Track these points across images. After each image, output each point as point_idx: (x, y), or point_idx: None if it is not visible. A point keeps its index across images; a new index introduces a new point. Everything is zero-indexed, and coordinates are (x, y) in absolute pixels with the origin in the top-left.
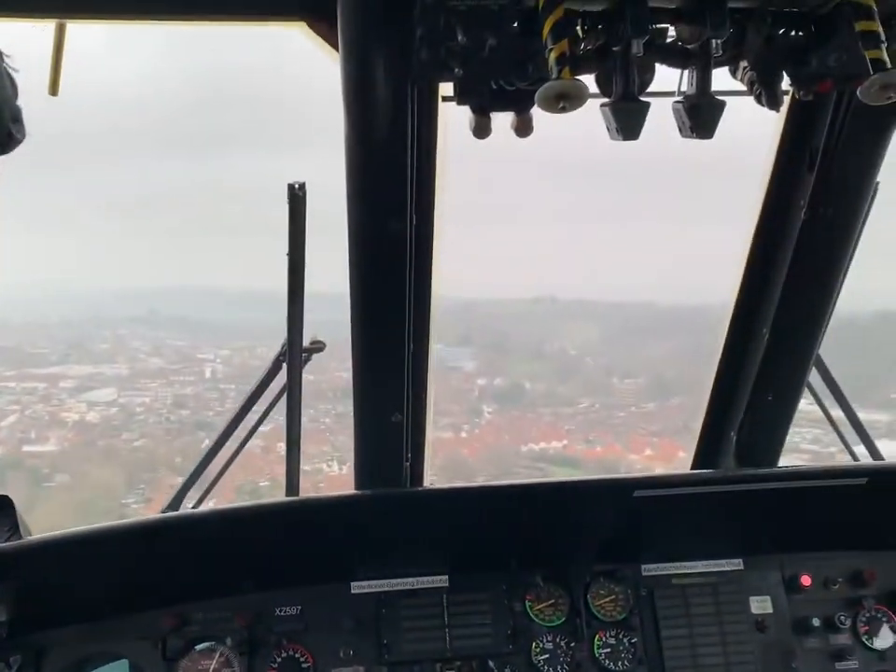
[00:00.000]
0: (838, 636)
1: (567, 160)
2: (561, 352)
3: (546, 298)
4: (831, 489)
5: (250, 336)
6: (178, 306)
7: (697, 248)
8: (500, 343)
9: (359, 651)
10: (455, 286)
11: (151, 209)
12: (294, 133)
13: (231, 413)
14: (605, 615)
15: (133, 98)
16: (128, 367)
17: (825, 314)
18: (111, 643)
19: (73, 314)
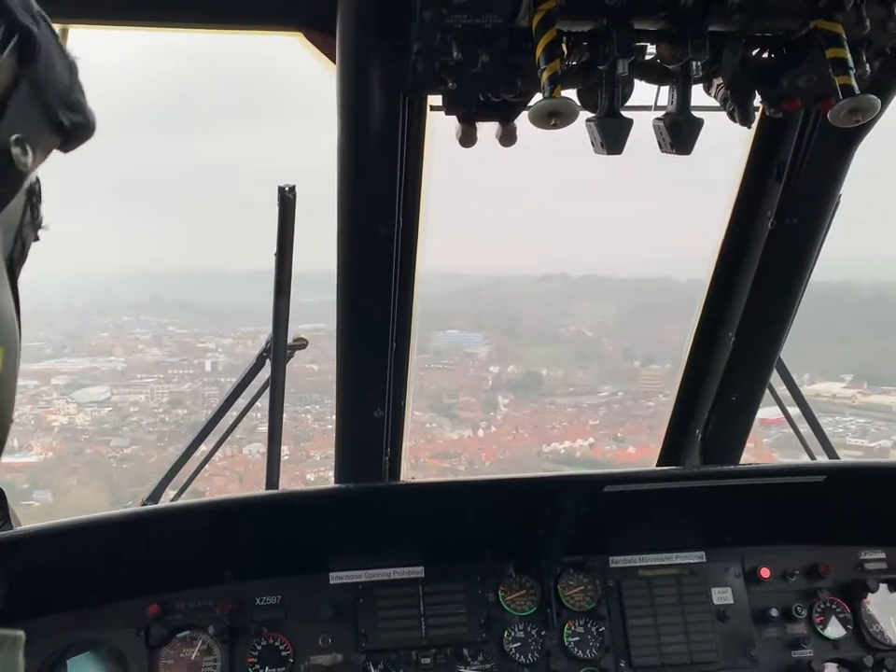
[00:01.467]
0: (795, 625)
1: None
2: (577, 334)
3: (556, 275)
4: (790, 486)
5: (254, 320)
6: (182, 290)
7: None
8: (513, 328)
9: (338, 639)
10: (460, 264)
11: (155, 192)
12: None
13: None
14: (574, 605)
15: (131, 85)
16: (125, 359)
17: (788, 318)
18: (95, 631)
19: (76, 300)
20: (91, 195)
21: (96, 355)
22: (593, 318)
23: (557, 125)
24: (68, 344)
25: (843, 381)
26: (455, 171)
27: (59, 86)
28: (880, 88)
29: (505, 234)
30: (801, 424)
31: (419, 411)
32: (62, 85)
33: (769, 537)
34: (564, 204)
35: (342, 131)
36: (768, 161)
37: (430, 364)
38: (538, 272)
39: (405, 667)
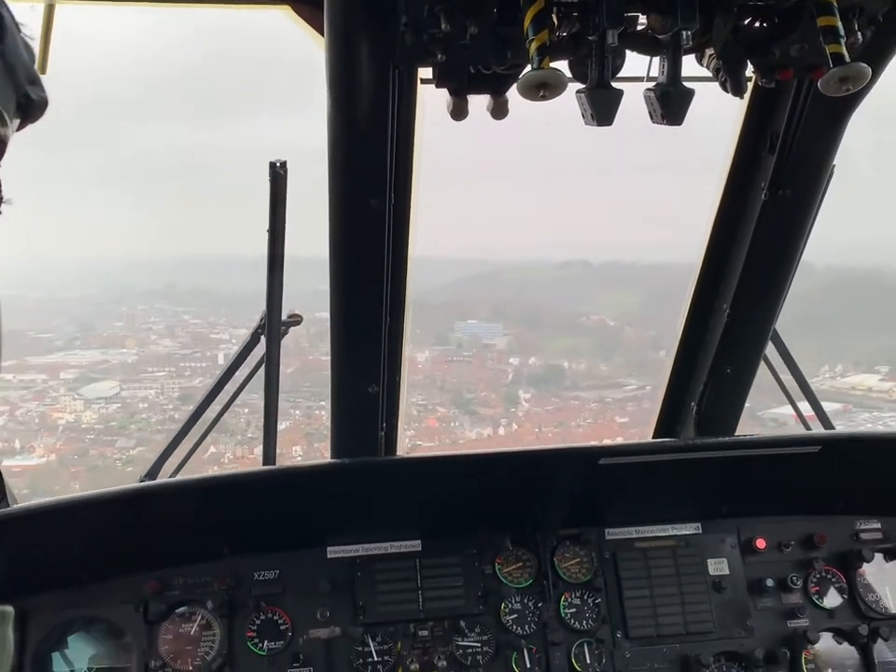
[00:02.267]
0: (790, 595)
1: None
2: (599, 324)
3: (577, 261)
4: (785, 457)
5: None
6: (198, 276)
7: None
8: (533, 318)
9: (336, 612)
10: (477, 250)
11: (168, 177)
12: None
13: (209, 383)
14: (570, 577)
15: (123, 70)
16: (137, 351)
17: (783, 290)
18: (93, 608)
19: (92, 288)
20: (106, 181)
21: (107, 346)
22: (615, 307)
23: (546, 96)
24: (80, 336)
25: (878, 373)
26: (473, 154)
27: (24, 62)
28: (871, 56)
29: (523, 218)
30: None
31: (443, 407)
32: (26, 62)
33: (765, 508)
34: (584, 187)
35: (331, 104)
36: (761, 132)
37: (452, 357)
38: (557, 257)
39: (403, 640)
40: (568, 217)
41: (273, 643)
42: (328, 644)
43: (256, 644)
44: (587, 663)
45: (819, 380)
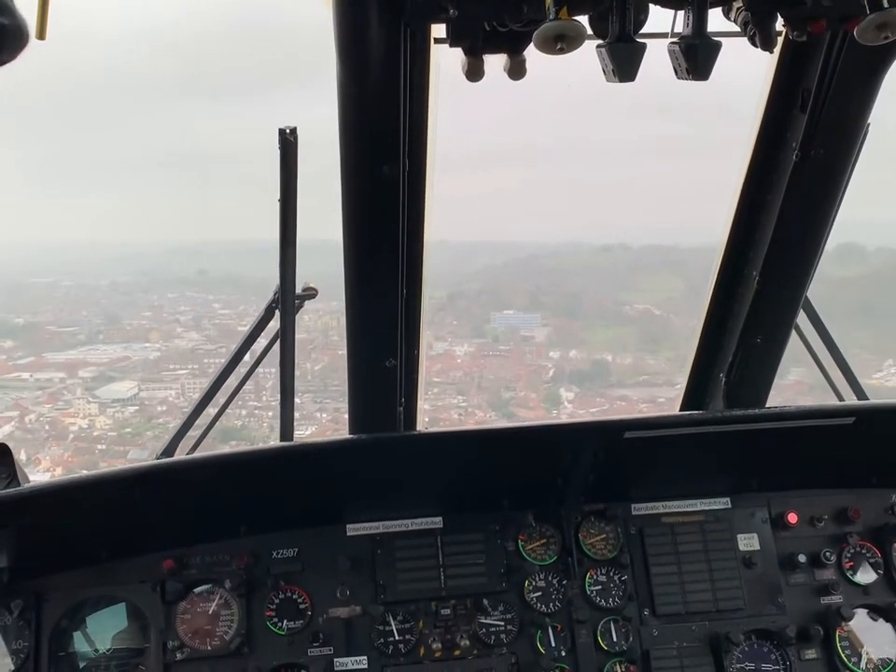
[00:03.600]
0: (823, 571)
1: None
2: (644, 314)
3: (615, 245)
4: (817, 429)
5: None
6: (231, 262)
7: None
8: (572, 307)
9: (356, 591)
10: (509, 233)
11: (203, 162)
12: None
13: (224, 359)
14: (596, 553)
15: (160, 52)
16: (160, 346)
17: (815, 255)
18: (110, 587)
19: (125, 276)
20: (143, 167)
21: (131, 340)
22: (659, 293)
23: (564, 49)
24: (104, 329)
25: None
26: (503, 135)
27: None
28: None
29: (556, 200)
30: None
31: (480, 410)
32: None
33: (796, 481)
34: (618, 168)
35: (340, 67)
36: (791, 90)
37: (489, 351)
38: (594, 241)
39: (424, 618)
40: (604, 199)
41: (293, 622)
42: (348, 623)
43: (275, 623)
44: (613, 641)
45: (883, 375)
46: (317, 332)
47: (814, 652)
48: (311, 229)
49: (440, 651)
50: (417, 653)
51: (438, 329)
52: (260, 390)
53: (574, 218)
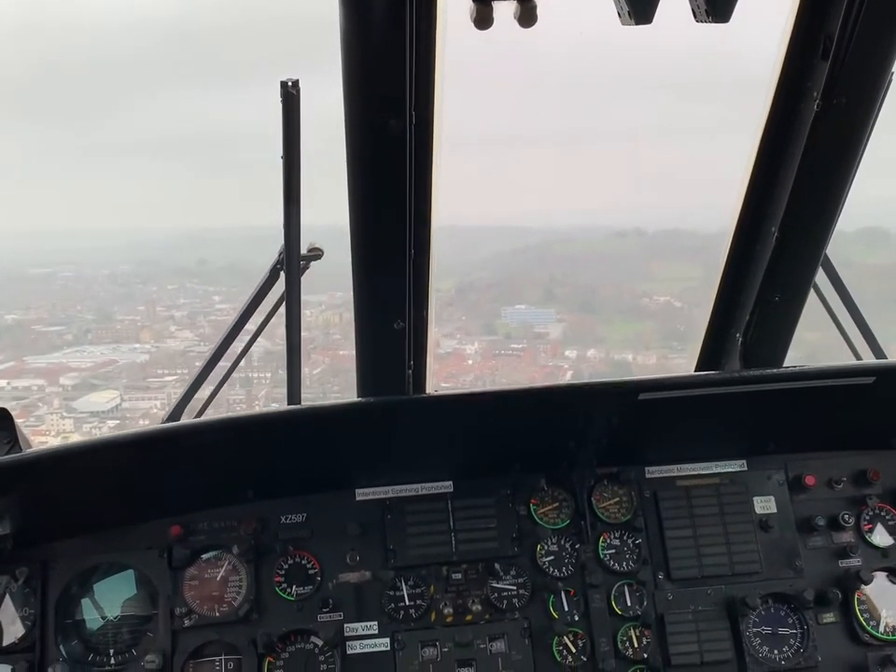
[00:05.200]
0: (842, 534)
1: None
2: (665, 307)
3: (630, 230)
4: (836, 389)
5: (308, 287)
6: (233, 250)
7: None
8: (588, 299)
9: (365, 556)
10: (519, 217)
11: (207, 146)
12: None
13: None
14: (609, 517)
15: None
16: (150, 347)
17: (836, 210)
18: (116, 553)
19: (125, 265)
20: (143, 151)
21: (120, 340)
22: (678, 282)
23: None
24: (94, 328)
25: None
26: (511, 116)
27: None
28: None
29: (567, 183)
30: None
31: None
32: None
33: (814, 443)
34: (630, 149)
35: (343, 13)
36: (813, 36)
37: (500, 350)
38: (608, 225)
39: (436, 583)
40: (617, 181)
41: (302, 588)
42: (358, 588)
43: (284, 589)
44: (627, 605)
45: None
46: (318, 330)
47: (832, 616)
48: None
49: (451, 616)
50: (428, 618)
51: (445, 325)
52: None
53: (587, 201)
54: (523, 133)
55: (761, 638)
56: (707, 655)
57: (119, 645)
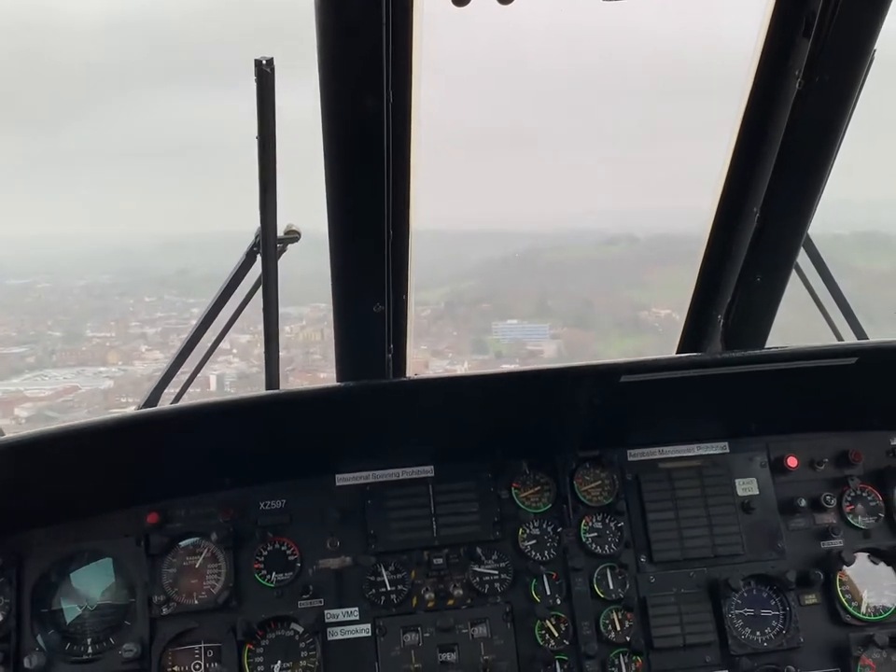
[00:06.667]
0: (823, 515)
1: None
2: (667, 321)
3: (622, 237)
4: (818, 370)
5: (290, 297)
6: (214, 258)
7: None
8: (584, 313)
9: (346, 542)
10: (506, 223)
11: (194, 150)
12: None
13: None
14: (591, 500)
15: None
16: (117, 370)
17: (818, 190)
18: (93, 541)
19: (105, 275)
20: (132, 155)
21: (86, 363)
22: (675, 292)
23: None
24: (59, 348)
25: None
26: (491, 119)
27: None
28: None
29: (552, 186)
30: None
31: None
32: None
33: (796, 424)
34: (614, 151)
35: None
36: (795, 14)
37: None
38: (599, 230)
39: (417, 568)
40: (607, 184)
41: (282, 574)
42: (338, 574)
43: (263, 576)
44: (610, 588)
45: None
46: (297, 349)
47: (814, 597)
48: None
49: (433, 600)
50: (410, 604)
51: (436, 341)
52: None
53: (576, 205)
54: (508, 134)
55: (743, 620)
56: (690, 638)
57: (96, 634)
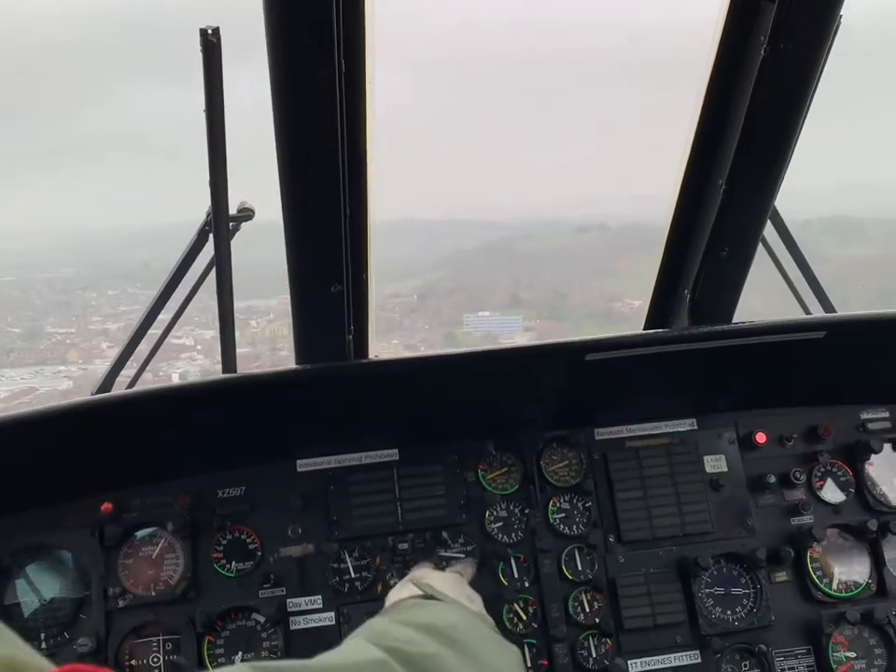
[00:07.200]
0: (793, 491)
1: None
2: (639, 313)
3: (594, 226)
4: (787, 344)
5: (255, 290)
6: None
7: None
8: (556, 304)
9: (308, 529)
10: (477, 210)
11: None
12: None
13: (156, 290)
14: (558, 480)
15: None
16: (77, 370)
17: (784, 160)
18: (46, 533)
19: (68, 268)
20: (95, 147)
21: (45, 362)
22: (647, 283)
23: None
24: (18, 346)
25: None
26: (460, 106)
27: None
28: None
29: (522, 174)
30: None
31: None
32: None
33: (764, 400)
34: (584, 138)
35: None
36: None
37: None
38: (569, 218)
39: (382, 554)
40: (578, 172)
41: (242, 564)
42: (300, 562)
43: (223, 565)
44: (578, 569)
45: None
46: (264, 344)
47: (784, 575)
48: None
49: None
50: (375, 590)
51: (408, 335)
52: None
53: (546, 194)
54: (475, 121)
55: (713, 599)
56: (660, 618)
57: (50, 630)
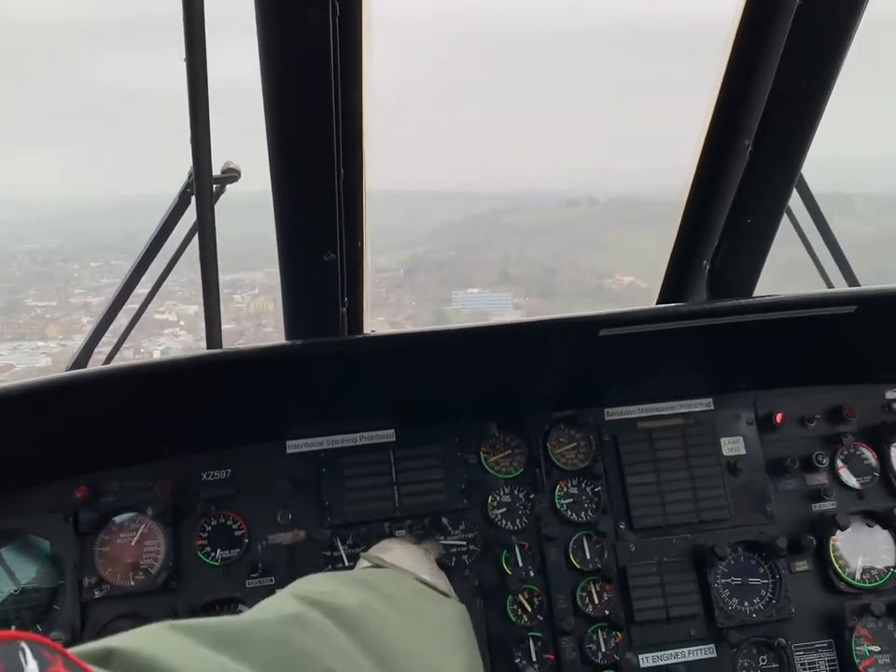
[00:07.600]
0: (815, 475)
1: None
2: (630, 288)
3: (583, 199)
4: (810, 320)
5: (240, 261)
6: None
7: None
8: (546, 281)
9: (299, 514)
10: (465, 183)
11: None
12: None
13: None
14: (566, 464)
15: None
16: (56, 345)
17: (814, 123)
18: (15, 519)
19: (53, 239)
20: (88, 113)
21: (24, 337)
22: (639, 257)
23: None
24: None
25: None
26: (453, 77)
27: None
28: None
29: (511, 144)
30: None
31: None
32: None
33: (785, 378)
34: (577, 108)
35: None
36: None
37: None
38: (560, 189)
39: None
40: (570, 143)
41: (228, 552)
42: (290, 550)
43: (207, 553)
44: (587, 558)
45: None
46: (249, 321)
47: (805, 564)
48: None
49: None
50: None
51: (394, 312)
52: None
53: (537, 165)
54: (467, 89)
55: (730, 590)
56: (673, 610)
57: (20, 622)
